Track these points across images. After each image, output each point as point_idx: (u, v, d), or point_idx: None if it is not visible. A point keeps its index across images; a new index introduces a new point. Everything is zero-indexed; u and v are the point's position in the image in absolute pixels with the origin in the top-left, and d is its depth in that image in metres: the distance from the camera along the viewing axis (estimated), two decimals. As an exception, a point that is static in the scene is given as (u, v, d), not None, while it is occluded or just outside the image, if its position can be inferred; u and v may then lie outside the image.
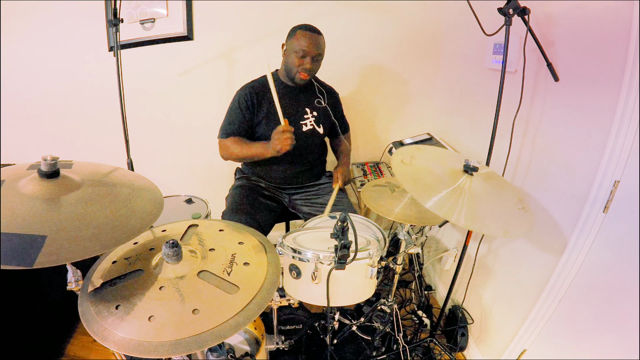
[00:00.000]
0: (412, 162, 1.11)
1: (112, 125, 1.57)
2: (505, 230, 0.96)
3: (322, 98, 1.67)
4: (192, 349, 0.65)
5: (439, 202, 0.97)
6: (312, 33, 1.48)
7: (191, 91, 2.08)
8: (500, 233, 0.97)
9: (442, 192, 0.98)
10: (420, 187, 1.01)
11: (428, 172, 1.10)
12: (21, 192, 0.71)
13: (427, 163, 1.15)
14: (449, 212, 0.96)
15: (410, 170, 1.08)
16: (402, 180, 1.03)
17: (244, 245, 0.91)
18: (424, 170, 1.11)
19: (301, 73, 1.51)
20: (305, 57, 1.48)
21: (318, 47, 1.49)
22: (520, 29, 1.16)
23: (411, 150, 1.17)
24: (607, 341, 1.05)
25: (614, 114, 0.98)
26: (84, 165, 0.89)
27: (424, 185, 1.02)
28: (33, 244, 0.62)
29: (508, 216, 1.03)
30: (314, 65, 1.52)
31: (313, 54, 1.48)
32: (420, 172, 1.09)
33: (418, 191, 0.99)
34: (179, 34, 1.94)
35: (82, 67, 1.97)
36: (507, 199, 1.11)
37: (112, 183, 0.85)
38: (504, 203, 1.08)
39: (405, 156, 1.12)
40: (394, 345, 1.54)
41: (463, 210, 0.96)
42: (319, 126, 1.66)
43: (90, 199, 0.75)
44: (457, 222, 0.95)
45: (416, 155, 1.15)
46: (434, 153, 1.29)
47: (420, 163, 1.13)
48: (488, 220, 0.99)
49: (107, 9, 1.86)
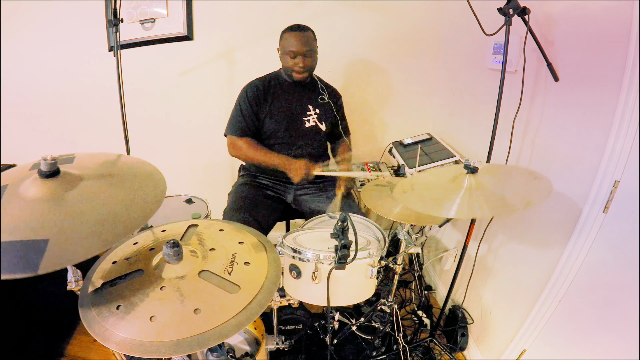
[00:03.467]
0: (413, 189, 1.14)
1: (112, 125, 1.57)
2: (525, 203, 0.97)
3: (324, 95, 1.69)
4: (194, 349, 0.65)
5: (458, 208, 0.96)
6: (297, 32, 1.52)
7: (191, 91, 2.08)
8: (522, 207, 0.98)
9: (457, 199, 0.99)
10: (430, 204, 1.02)
11: (432, 189, 1.12)
12: (23, 197, 0.71)
13: (427, 183, 1.18)
14: (470, 212, 0.96)
15: (414, 194, 1.10)
16: (411, 205, 1.05)
17: (244, 244, 0.91)
18: (427, 189, 1.13)
19: (297, 72, 1.56)
20: (296, 57, 1.53)
21: (306, 43, 1.52)
22: (520, 29, 1.16)
23: (408, 181, 1.20)
24: (607, 341, 1.05)
25: (614, 114, 0.98)
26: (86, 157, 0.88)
27: (433, 201, 1.03)
28: (35, 249, 0.61)
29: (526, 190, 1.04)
30: (307, 61, 1.55)
31: (303, 51, 1.52)
32: (425, 193, 1.11)
33: (430, 208, 1.00)
34: (179, 34, 1.94)
35: (82, 67, 1.97)
36: (519, 176, 1.13)
37: (113, 174, 0.84)
38: (518, 180, 1.10)
39: (404, 187, 1.14)
40: (394, 345, 1.54)
41: (484, 204, 0.96)
42: (321, 123, 1.69)
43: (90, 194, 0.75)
44: (484, 216, 0.95)
45: (414, 182, 1.18)
46: (429, 174, 1.33)
47: (421, 186, 1.16)
48: (509, 201, 0.99)
49: (107, 9, 1.86)
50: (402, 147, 1.99)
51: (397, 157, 1.93)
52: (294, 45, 1.51)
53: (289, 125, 1.62)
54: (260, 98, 1.59)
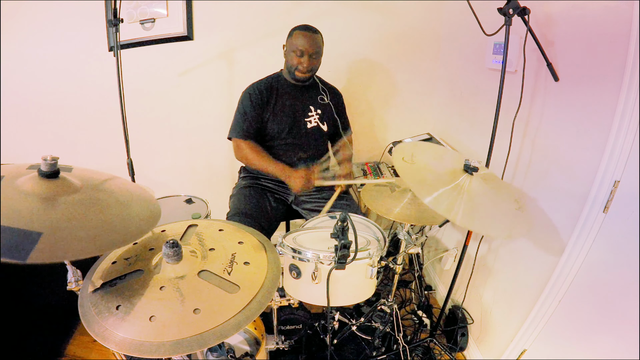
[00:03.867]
0: (412, 159, 1.13)
1: (112, 125, 1.57)
2: (508, 233, 0.97)
3: (325, 95, 1.69)
4: (194, 349, 0.65)
5: (438, 198, 0.97)
6: (308, 32, 1.54)
7: (191, 91, 2.08)
8: (503, 235, 0.98)
9: (441, 190, 0.99)
10: (421, 184, 1.03)
11: (429, 170, 1.11)
12: (19, 189, 0.71)
13: (427, 161, 1.17)
14: (447, 209, 0.96)
15: (411, 167, 1.10)
16: (405, 176, 1.05)
17: (244, 244, 0.91)
18: (425, 168, 1.12)
19: (300, 71, 1.57)
20: (302, 56, 1.54)
21: (314, 45, 1.54)
22: (520, 29, 1.16)
23: (410, 148, 1.20)
24: (607, 341, 1.05)
25: (614, 114, 0.98)
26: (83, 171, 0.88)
27: (424, 183, 1.04)
28: (28, 239, 0.62)
29: (506, 217, 1.04)
30: (312, 62, 1.56)
31: (310, 51, 1.53)
32: (422, 170, 1.11)
33: (419, 187, 1.00)
34: (179, 34, 1.94)
35: (82, 67, 1.97)
36: (504, 199, 1.12)
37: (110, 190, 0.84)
38: (501, 204, 1.09)
39: (405, 154, 1.14)
40: (394, 345, 1.54)
41: (461, 209, 0.97)
42: (323, 123, 1.69)
43: (88, 203, 0.75)
44: (454, 220, 0.96)
45: (416, 152, 1.17)
46: (433, 151, 1.31)
47: (421, 160, 1.15)
48: (486, 221, 1.00)
49: (107, 9, 1.86)
50: (401, 144, 1.99)
51: (397, 157, 1.93)
52: (303, 45, 1.52)
53: (292, 127, 1.63)
54: (264, 100, 1.59)
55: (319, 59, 1.60)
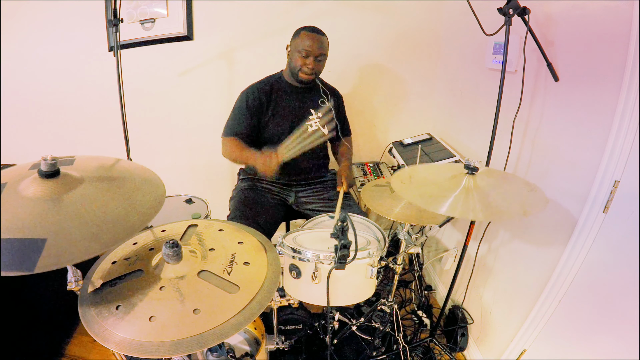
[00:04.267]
0: (411, 180, 1.14)
1: (112, 125, 1.57)
2: (524, 210, 0.97)
3: (325, 98, 1.68)
4: (194, 349, 0.65)
5: (452, 205, 0.97)
6: (315, 34, 1.52)
7: (191, 91, 2.08)
8: (520, 213, 0.98)
9: (451, 196, 0.99)
10: (428, 199, 1.03)
11: (430, 185, 1.12)
12: (22, 195, 0.71)
13: (426, 178, 1.18)
14: (463, 211, 0.96)
15: (412, 187, 1.11)
16: (409, 197, 1.06)
17: (244, 244, 0.91)
18: (425, 184, 1.13)
19: (304, 72, 1.55)
20: (308, 57, 1.52)
21: (321, 47, 1.52)
22: (520, 29, 1.16)
23: (406, 172, 1.21)
24: (607, 341, 1.05)
25: (614, 114, 0.98)
26: (86, 160, 0.88)
27: (430, 196, 1.04)
28: (33, 248, 0.61)
29: (520, 197, 1.05)
30: (316, 65, 1.55)
31: (316, 53, 1.51)
32: (423, 187, 1.11)
33: (427, 203, 1.00)
34: (179, 34, 1.94)
35: (82, 67, 1.97)
36: (516, 185, 1.12)
37: (114, 177, 0.84)
38: (515, 189, 1.10)
39: (403, 178, 1.15)
40: (394, 345, 1.54)
41: (477, 206, 0.96)
42: (323, 126, 1.68)
43: (90, 197, 0.75)
44: (476, 218, 0.96)
45: (412, 174, 1.19)
46: (428, 169, 1.33)
47: (419, 180, 1.16)
48: (504, 207, 1.00)
49: (107, 9, 1.86)
50: (402, 147, 1.99)
51: (397, 157, 1.93)
52: (310, 46, 1.49)
53: (292, 130, 1.61)
54: (262, 102, 1.57)
55: (324, 61, 1.58)
